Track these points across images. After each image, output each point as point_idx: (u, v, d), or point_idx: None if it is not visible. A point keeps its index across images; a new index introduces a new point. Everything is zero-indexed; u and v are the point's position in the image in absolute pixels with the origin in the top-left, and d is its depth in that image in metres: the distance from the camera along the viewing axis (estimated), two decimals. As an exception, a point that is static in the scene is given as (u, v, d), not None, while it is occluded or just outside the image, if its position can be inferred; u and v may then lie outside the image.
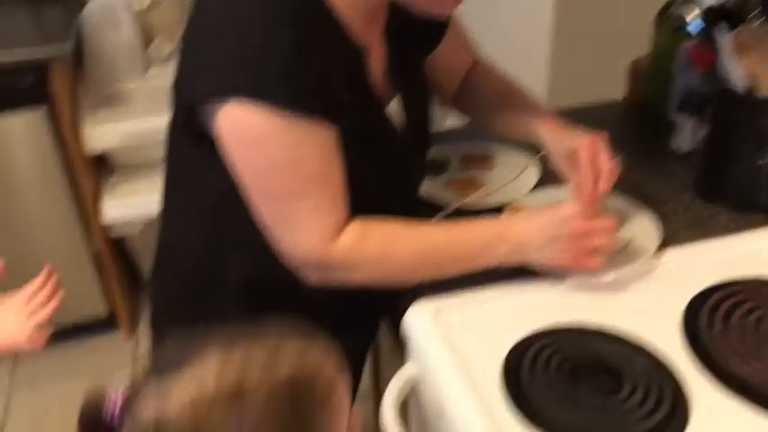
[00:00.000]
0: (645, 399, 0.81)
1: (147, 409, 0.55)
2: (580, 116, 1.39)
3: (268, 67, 0.81)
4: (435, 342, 0.91)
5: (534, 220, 0.94)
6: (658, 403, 0.80)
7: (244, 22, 0.83)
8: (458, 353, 0.89)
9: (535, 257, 0.94)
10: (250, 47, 0.81)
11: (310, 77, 0.82)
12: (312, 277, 0.93)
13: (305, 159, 0.86)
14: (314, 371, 0.59)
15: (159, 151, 1.00)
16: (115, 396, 0.57)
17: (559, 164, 1.03)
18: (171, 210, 1.06)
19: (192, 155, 0.95)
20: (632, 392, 0.81)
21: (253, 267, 0.98)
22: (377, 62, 0.96)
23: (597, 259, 0.94)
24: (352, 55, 0.90)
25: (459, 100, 1.20)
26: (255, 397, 0.55)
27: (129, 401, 0.57)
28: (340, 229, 0.89)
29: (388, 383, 0.94)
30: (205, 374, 0.56)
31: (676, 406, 0.80)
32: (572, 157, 1.00)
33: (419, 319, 0.94)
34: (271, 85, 0.81)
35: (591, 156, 0.97)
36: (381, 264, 0.93)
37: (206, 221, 1.00)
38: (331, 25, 0.87)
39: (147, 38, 2.10)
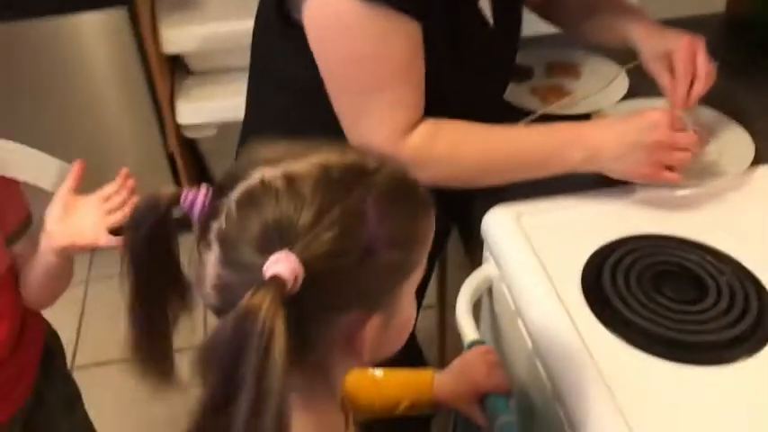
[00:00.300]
0: (729, 309, 0.79)
1: (270, 172, 0.52)
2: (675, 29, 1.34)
3: None
4: (516, 243, 0.91)
5: (614, 127, 0.90)
6: (743, 313, 0.79)
7: None
8: (538, 256, 0.89)
9: (612, 166, 0.90)
10: None
11: None
12: None
13: (388, 52, 0.85)
14: (415, 178, 0.58)
15: (234, 56, 1.01)
16: (192, 192, 0.54)
17: (654, 66, 0.99)
18: (255, 103, 1.07)
19: (280, 45, 0.95)
20: (716, 302, 0.80)
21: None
22: None
23: (676, 174, 0.90)
24: None
25: (548, 5, 1.16)
26: (380, 172, 0.54)
27: (228, 180, 0.53)
28: (412, 127, 0.89)
29: (453, 293, 0.94)
30: (327, 152, 0.54)
31: (762, 318, 0.78)
32: (667, 59, 0.96)
33: (500, 221, 0.94)
34: None
35: (688, 57, 0.94)
36: (451, 163, 0.92)
37: (289, 114, 1.01)
38: None
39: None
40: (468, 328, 0.89)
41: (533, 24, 1.21)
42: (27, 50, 1.84)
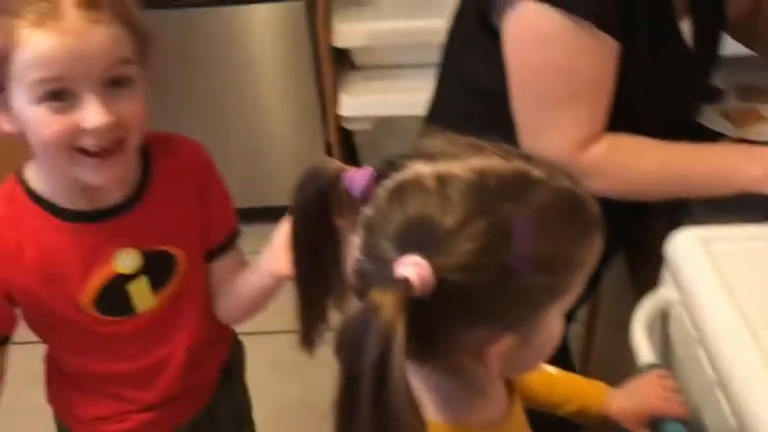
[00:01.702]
0: None
1: (424, 168, 0.50)
2: None
3: None
4: (704, 269, 0.88)
5: None
6: None
7: None
8: (726, 284, 0.86)
9: None
10: None
11: None
12: None
13: (582, 67, 0.85)
14: (586, 195, 0.54)
15: (399, 54, 1.03)
16: (355, 172, 0.53)
17: None
18: (440, 101, 1.11)
19: (474, 49, 0.97)
20: None
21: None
22: None
23: None
24: None
25: (744, 25, 1.11)
26: (543, 187, 0.51)
27: (385, 168, 0.52)
28: (590, 142, 0.89)
29: (605, 312, 0.93)
30: (490, 156, 0.51)
31: None
32: None
33: (688, 244, 0.92)
34: None
35: None
36: (628, 171, 0.92)
37: (473, 117, 1.03)
38: None
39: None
40: (644, 350, 0.88)
41: (725, 44, 1.17)
42: (202, 37, 1.96)
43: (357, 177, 0.53)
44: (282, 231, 0.84)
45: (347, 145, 2.21)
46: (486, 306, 0.49)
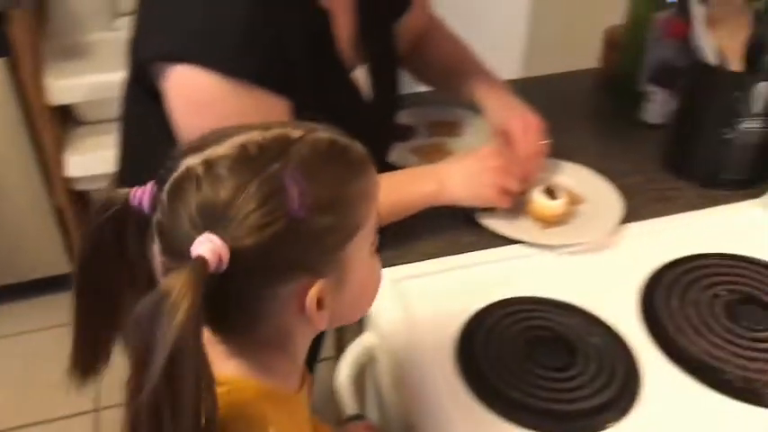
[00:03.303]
0: (597, 374, 0.81)
1: (193, 160, 0.54)
2: (555, 84, 1.39)
3: (222, 34, 0.78)
4: (393, 311, 0.90)
5: (460, 161, 0.99)
6: (610, 379, 0.80)
7: None
8: (415, 323, 0.88)
9: (460, 194, 0.97)
10: (206, 11, 0.79)
11: (265, 48, 0.80)
12: None
13: None
14: (349, 142, 0.60)
15: None
16: (140, 190, 0.56)
17: (494, 134, 1.05)
18: (126, 172, 1.04)
19: (146, 115, 0.92)
20: (585, 367, 0.81)
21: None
22: (344, 27, 0.93)
23: (508, 198, 0.97)
24: (317, 20, 0.87)
25: (411, 62, 1.17)
26: (302, 141, 0.55)
27: (164, 174, 0.55)
28: None
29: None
30: (250, 131, 0.56)
31: (628, 382, 0.80)
32: (503, 130, 1.02)
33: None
34: (224, 54, 0.78)
35: (520, 132, 1.00)
36: None
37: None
38: None
39: (115, -12, 2.03)
40: (347, 402, 0.87)
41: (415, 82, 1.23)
42: None
43: (140, 192, 0.56)
44: None
45: (85, 209, 2.05)
46: (284, 258, 0.53)
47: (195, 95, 0.81)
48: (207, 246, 0.50)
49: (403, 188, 0.96)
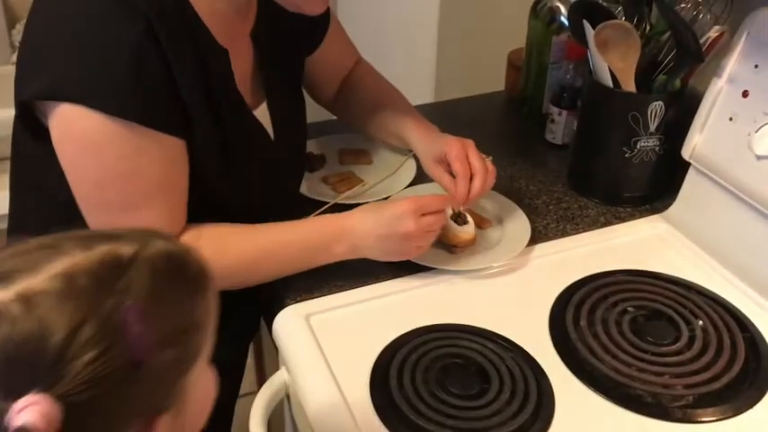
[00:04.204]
0: (511, 398, 0.80)
1: (2, 294, 0.44)
2: (463, 108, 1.41)
3: (107, 74, 0.75)
4: (304, 348, 0.87)
5: (372, 220, 0.92)
6: (524, 402, 0.80)
7: (86, 20, 0.76)
8: (328, 358, 0.86)
9: (371, 255, 0.94)
10: (90, 49, 0.76)
11: (152, 87, 0.77)
12: None
13: (142, 171, 0.81)
14: (185, 250, 0.54)
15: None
16: None
17: (433, 170, 1.02)
18: (18, 215, 0.98)
19: (35, 155, 0.88)
20: (499, 392, 0.81)
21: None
22: (243, 64, 0.92)
23: (421, 251, 0.94)
24: (215, 59, 0.85)
25: (337, 102, 1.17)
26: (137, 263, 0.48)
27: None
28: (177, 237, 0.86)
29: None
30: (69, 253, 0.47)
31: (541, 405, 0.80)
32: (444, 162, 1.00)
33: (289, 324, 0.91)
34: (108, 94, 0.75)
35: (461, 156, 0.97)
36: (216, 269, 0.90)
37: (52, 226, 0.93)
38: (186, 26, 0.81)
39: (11, 21, 1.95)
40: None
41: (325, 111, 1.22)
42: None
43: None
44: None
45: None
46: (125, 405, 0.46)
47: (81, 137, 0.78)
48: (33, 411, 0.41)
49: (310, 250, 0.93)
